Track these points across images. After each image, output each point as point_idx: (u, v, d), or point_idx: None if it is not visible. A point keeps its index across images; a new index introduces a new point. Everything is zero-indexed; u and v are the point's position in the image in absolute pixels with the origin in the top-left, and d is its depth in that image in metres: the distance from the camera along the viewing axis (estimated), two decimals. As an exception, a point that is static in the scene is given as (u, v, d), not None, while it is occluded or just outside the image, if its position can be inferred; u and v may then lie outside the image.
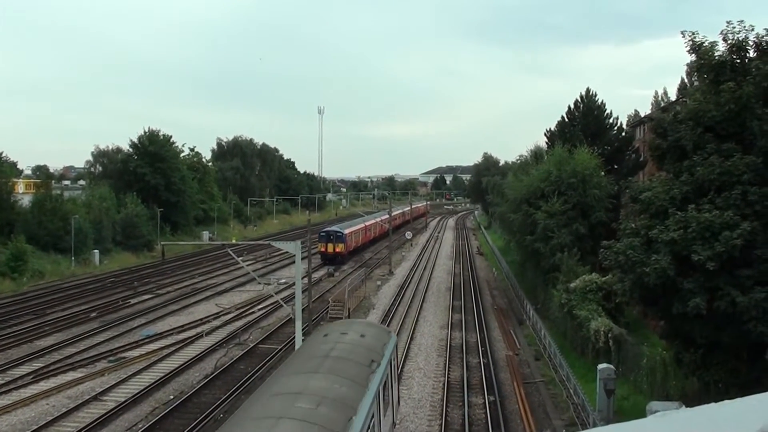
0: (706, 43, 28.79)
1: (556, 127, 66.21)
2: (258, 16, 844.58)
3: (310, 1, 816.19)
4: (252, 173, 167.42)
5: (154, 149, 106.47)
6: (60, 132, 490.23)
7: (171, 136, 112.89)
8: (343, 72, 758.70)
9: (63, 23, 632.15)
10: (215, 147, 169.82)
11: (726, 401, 5.43)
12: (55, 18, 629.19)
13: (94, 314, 54.21)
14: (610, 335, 36.52)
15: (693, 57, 29.74)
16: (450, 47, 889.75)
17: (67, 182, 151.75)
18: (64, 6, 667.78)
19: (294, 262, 39.18)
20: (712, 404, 5.45)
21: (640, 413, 25.96)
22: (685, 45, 29.29)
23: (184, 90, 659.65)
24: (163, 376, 37.41)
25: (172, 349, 43.94)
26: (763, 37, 27.77)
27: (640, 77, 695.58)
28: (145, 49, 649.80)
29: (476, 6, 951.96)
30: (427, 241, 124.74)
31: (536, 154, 75.88)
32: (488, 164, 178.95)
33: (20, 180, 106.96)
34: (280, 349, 42.80)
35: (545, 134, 68.69)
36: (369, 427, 17.85)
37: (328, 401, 16.80)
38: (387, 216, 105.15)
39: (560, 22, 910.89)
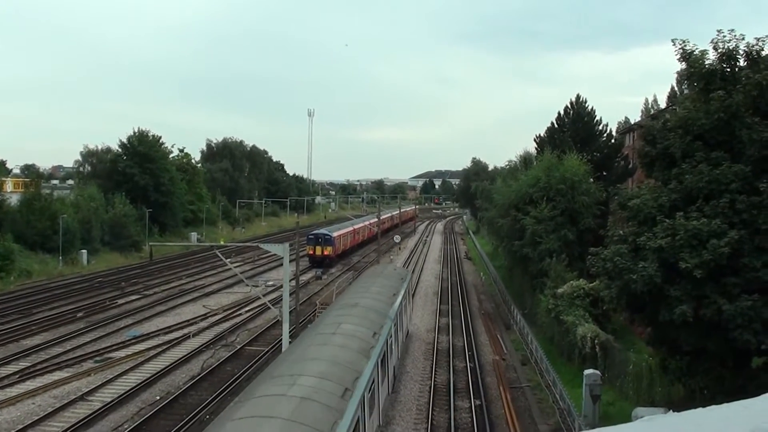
0: (697, 52, 28.89)
1: (546, 132, 66.31)
2: (249, 19, 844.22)
3: (301, 5, 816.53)
4: (241, 175, 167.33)
5: (143, 150, 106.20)
6: (49, 131, 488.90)
7: (160, 137, 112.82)
8: (334, 76, 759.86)
9: (52, 23, 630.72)
10: (204, 148, 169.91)
11: (713, 407, 5.47)
12: (45, 18, 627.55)
13: (81, 314, 54.04)
14: (596, 341, 36.61)
15: (683, 65, 29.85)
16: (441, 53, 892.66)
17: (55, 182, 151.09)
18: (54, 6, 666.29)
19: (282, 264, 39.11)
20: (699, 409, 5.49)
21: (626, 419, 26.05)
22: (676, 53, 29.40)
23: (174, 91, 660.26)
24: (150, 377, 37.35)
25: (159, 350, 43.87)
26: (753, 46, 27.91)
27: (630, 84, 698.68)
28: (135, 51, 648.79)
29: (466, 13, 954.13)
30: (416, 245, 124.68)
31: (525, 160, 75.94)
32: (477, 169, 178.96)
33: (8, 179, 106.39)
34: (267, 351, 42.76)
35: (534, 140, 68.77)
36: (402, 304, 40.23)
37: (385, 288, 39.84)
38: (376, 219, 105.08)
39: (549, 29, 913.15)
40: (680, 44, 29.24)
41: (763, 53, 27.82)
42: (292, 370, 20.59)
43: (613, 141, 64.55)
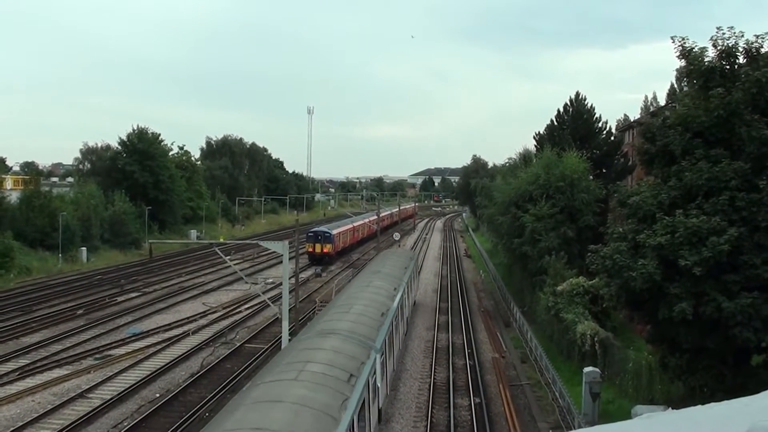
0: (696, 49, 28.85)
1: (545, 130, 66.37)
2: (247, 16, 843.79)
3: (299, 2, 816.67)
4: (241, 172, 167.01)
5: (142, 147, 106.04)
6: (49, 128, 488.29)
7: (160, 134, 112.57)
8: (333, 72, 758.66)
9: (50, 19, 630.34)
10: (204, 146, 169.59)
11: (712, 404, 5.46)
12: (43, 14, 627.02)
13: (80, 312, 54.05)
14: (596, 339, 36.61)
15: (683, 62, 29.82)
16: (439, 49, 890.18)
17: (55, 179, 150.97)
18: (52, 2, 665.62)
19: (281, 261, 39.12)
20: (699, 407, 5.48)
21: (626, 417, 26.05)
22: (675, 50, 29.37)
23: (173, 88, 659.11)
24: (149, 375, 37.35)
25: (159, 347, 43.87)
26: (752, 43, 27.89)
27: (630, 81, 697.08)
28: (133, 47, 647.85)
29: (465, 9, 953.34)
30: (415, 243, 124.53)
31: (525, 157, 76.07)
32: (477, 166, 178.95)
33: (8, 176, 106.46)
34: (267, 349, 42.77)
35: (534, 137, 68.86)
36: (411, 276, 51.52)
37: (398, 262, 52.61)
38: (375, 217, 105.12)
39: (548, 25, 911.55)
40: (680, 41, 29.22)
41: (763, 50, 27.81)
42: (348, 302, 33.27)
43: (612, 138, 64.60)
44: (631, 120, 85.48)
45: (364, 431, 21.48)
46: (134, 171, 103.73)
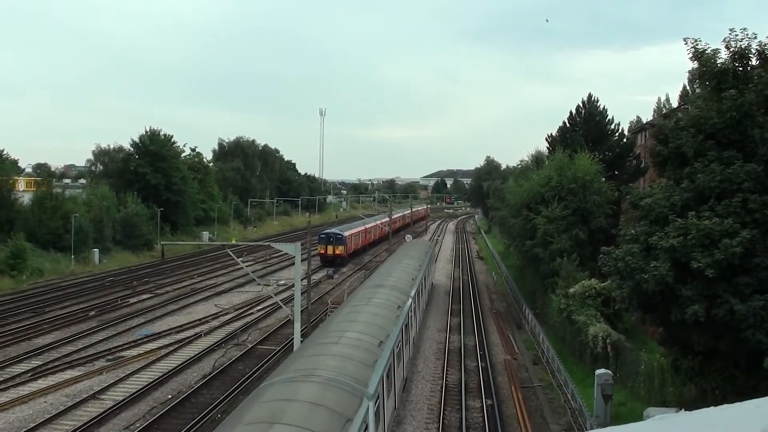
0: (709, 51, 28.78)
1: (558, 132, 66.18)
2: (260, 18, 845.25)
3: (312, 3, 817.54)
4: (253, 174, 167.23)
5: (155, 149, 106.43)
6: (61, 130, 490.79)
7: (172, 136, 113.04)
8: (345, 75, 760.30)
9: (64, 21, 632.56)
10: (216, 147, 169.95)
11: (725, 405, 5.44)
12: (56, 16, 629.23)
13: (92, 313, 54.23)
14: (608, 341, 36.52)
15: (695, 64, 29.74)
16: (451, 51, 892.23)
17: (67, 181, 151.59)
18: (66, 4, 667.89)
19: (294, 263, 39.15)
20: (711, 408, 5.46)
21: (638, 419, 25.95)
22: (688, 52, 29.28)
23: (185, 90, 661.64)
24: (162, 376, 37.44)
25: (171, 348, 43.96)
26: (765, 45, 27.79)
27: (642, 83, 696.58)
28: (147, 49, 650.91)
29: (477, 11, 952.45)
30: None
31: (537, 159, 75.87)
32: (489, 168, 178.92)
33: (21, 178, 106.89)
34: (279, 350, 42.78)
35: (546, 139, 68.64)
36: (428, 264, 62.64)
37: (418, 252, 64.44)
38: (387, 219, 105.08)
39: (560, 27, 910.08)
40: (692, 43, 29.14)
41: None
42: (388, 271, 46.84)
43: (625, 140, 64.35)
44: (644, 122, 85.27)
45: (408, 341, 35.42)
46: (146, 173, 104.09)
